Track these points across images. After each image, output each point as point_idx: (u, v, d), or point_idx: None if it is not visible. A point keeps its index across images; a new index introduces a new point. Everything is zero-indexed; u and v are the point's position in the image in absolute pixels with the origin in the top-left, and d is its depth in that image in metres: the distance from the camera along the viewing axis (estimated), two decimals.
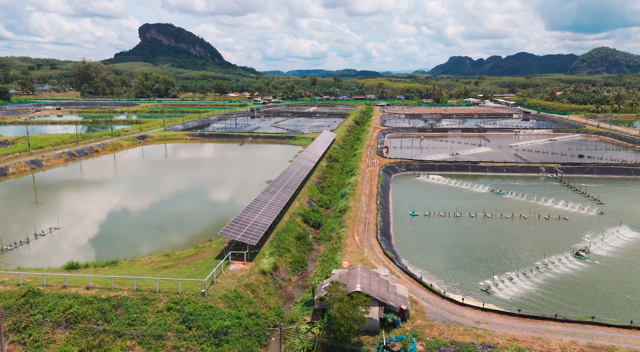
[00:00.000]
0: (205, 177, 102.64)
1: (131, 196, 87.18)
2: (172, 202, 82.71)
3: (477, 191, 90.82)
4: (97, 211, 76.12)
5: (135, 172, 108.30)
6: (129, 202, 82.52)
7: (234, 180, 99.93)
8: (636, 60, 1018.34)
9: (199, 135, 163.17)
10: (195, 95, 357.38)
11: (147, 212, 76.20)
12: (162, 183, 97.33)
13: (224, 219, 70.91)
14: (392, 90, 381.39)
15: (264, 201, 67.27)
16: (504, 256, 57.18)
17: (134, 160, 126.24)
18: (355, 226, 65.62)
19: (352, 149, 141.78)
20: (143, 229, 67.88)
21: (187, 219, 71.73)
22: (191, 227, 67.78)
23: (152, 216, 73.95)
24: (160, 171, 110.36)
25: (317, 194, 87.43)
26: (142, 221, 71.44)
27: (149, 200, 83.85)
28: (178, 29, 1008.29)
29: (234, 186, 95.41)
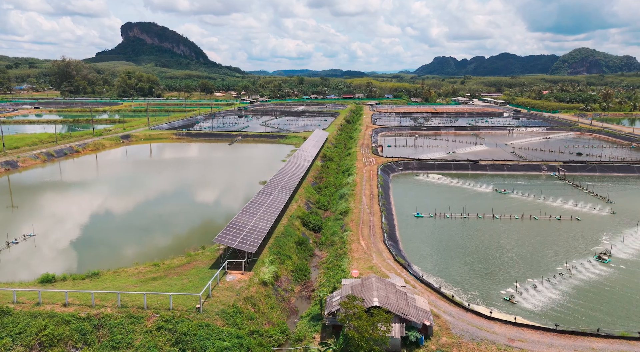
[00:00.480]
0: (194, 178, 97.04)
1: (115, 198, 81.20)
2: (159, 205, 77.06)
3: (480, 190, 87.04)
4: (77, 216, 70.09)
5: (119, 173, 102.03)
6: (113, 206, 76.59)
7: (224, 181, 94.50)
8: (615, 61, 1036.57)
9: (185, 134, 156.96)
10: (180, 94, 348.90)
11: (133, 217, 70.42)
12: (148, 185, 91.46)
13: (216, 223, 65.81)
14: (380, 90, 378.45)
15: (260, 203, 62.22)
16: (522, 260, 53.15)
17: (117, 161, 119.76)
18: (359, 229, 61.01)
19: (345, 147, 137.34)
20: (128, 235, 62.18)
21: (177, 224, 66.26)
22: (181, 233, 62.40)
23: (138, 221, 68.22)
24: (146, 172, 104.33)
25: (314, 195, 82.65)
26: (127, 227, 65.67)
27: (134, 203, 78.04)
28: (161, 28, 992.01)
29: (225, 187, 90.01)
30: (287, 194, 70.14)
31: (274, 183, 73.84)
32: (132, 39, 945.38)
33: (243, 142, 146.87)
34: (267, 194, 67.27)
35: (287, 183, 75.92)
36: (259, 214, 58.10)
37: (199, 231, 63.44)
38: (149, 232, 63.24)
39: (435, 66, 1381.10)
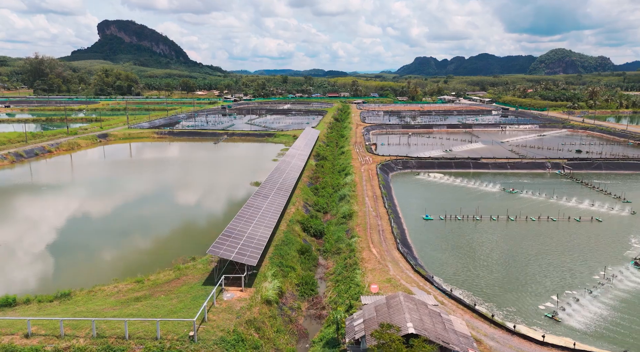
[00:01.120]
0: (179, 180, 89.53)
1: (91, 203, 73.28)
2: (141, 210, 69.50)
3: (487, 190, 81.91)
4: (47, 224, 62.13)
5: (96, 175, 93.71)
6: (89, 212, 68.75)
7: (213, 182, 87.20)
8: (590, 61, 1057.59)
9: (167, 133, 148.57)
10: (161, 93, 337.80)
11: (112, 224, 62.73)
12: (128, 187, 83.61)
13: (207, 230, 58.87)
14: (365, 88, 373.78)
15: (256, 207, 55.50)
16: (553, 268, 47.76)
17: (94, 161, 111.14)
18: (367, 234, 54.83)
19: (337, 146, 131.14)
20: (106, 246, 54.66)
21: (162, 232, 59.02)
22: (168, 242, 55.26)
23: (117, 229, 60.64)
24: (126, 173, 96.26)
25: (312, 197, 76.20)
26: (105, 236, 58.05)
27: (113, 208, 70.33)
28: (140, 26, 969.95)
29: (214, 189, 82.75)
30: (284, 196, 63.56)
31: (269, 184, 67.14)
32: (109, 38, 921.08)
33: (229, 141, 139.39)
34: (263, 196, 60.56)
35: (283, 184, 69.31)
36: (257, 220, 51.41)
37: (188, 239, 56.40)
38: (130, 241, 55.83)
39: (416, 66, 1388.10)
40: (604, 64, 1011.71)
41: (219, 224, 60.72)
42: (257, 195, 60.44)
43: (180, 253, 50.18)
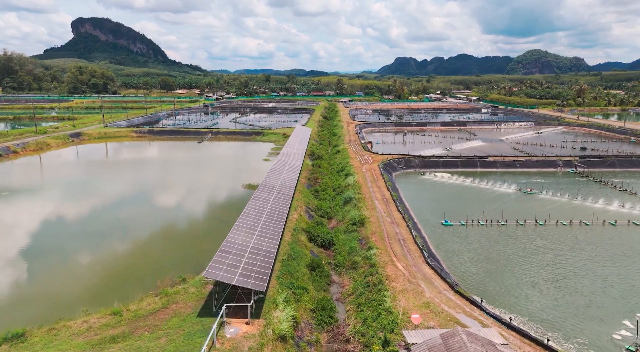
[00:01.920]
0: (162, 183, 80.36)
1: (58, 208, 63.66)
2: (119, 218, 60.23)
3: (501, 190, 75.24)
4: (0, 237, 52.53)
5: (67, 178, 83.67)
6: (54, 219, 59.24)
7: (201, 185, 78.22)
8: (565, 62, 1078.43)
9: (147, 132, 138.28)
10: (139, 91, 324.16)
11: (82, 235, 53.45)
12: (103, 191, 73.98)
13: (197, 240, 50.31)
14: (350, 87, 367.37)
15: (257, 214, 47.20)
16: (610, 284, 40.85)
17: (66, 163, 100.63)
18: (387, 244, 47.10)
19: (331, 145, 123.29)
20: (74, 262, 45.55)
21: (144, 245, 50.14)
22: (151, 257, 46.49)
23: (89, 240, 51.44)
24: (101, 175, 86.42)
25: (313, 200, 68.13)
26: (72, 249, 48.80)
27: (84, 215, 60.94)
28: (116, 24, 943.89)
29: (202, 193, 73.82)
30: (286, 200, 55.35)
31: (267, 187, 58.81)
32: (84, 36, 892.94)
33: (214, 140, 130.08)
34: (263, 201, 52.24)
35: (283, 187, 61.07)
36: (259, 229, 43.13)
37: (176, 252, 47.73)
38: (104, 256, 46.77)
39: (396, 67, 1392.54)
40: (578, 65, 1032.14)
41: (211, 234, 52.28)
42: (255, 200, 52.10)
43: (166, 271, 41.62)
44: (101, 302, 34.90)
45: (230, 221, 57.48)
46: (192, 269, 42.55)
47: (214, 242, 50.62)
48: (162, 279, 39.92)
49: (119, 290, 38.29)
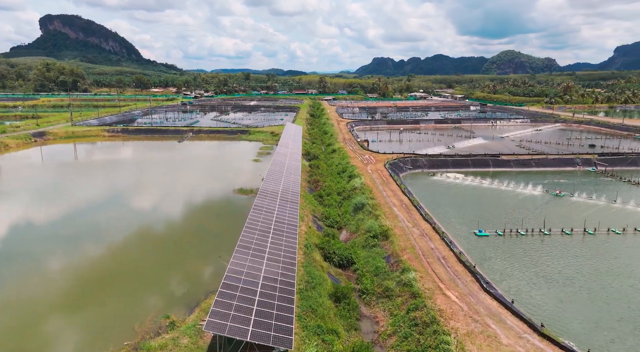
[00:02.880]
0: (139, 188, 69.39)
1: (13, 224, 52.15)
2: (85, 230, 49.19)
3: (527, 193, 67.22)
4: None
5: (26, 183, 71.65)
6: (6, 239, 47.83)
7: (185, 191, 67.51)
8: (537, 63, 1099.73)
9: (121, 131, 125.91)
10: (112, 90, 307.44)
11: (35, 254, 42.37)
12: (70, 200, 62.47)
13: (184, 263, 40.09)
14: (333, 85, 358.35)
15: (262, 229, 37.38)
16: None
17: (25, 165, 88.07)
18: (425, 265, 37.93)
19: (324, 144, 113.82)
20: (22, 299, 34.73)
21: (116, 267, 39.58)
22: (126, 285, 36.06)
23: (48, 264, 40.52)
24: (68, 180, 74.72)
25: (318, 207, 58.52)
26: (21, 279, 37.87)
27: (42, 228, 49.76)
28: (87, 22, 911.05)
29: (187, 200, 63.17)
30: (293, 210, 45.67)
31: (269, 193, 48.94)
32: (52, 33, 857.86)
33: (195, 139, 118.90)
34: (267, 211, 42.38)
35: (286, 192, 51.32)
36: (269, 250, 33.38)
37: (157, 278, 37.49)
38: (67, 286, 36.10)
39: (374, 67, 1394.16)
40: (550, 65, 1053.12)
41: (200, 251, 42.15)
42: (257, 210, 42.15)
43: (146, 306, 31.44)
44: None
45: (222, 233, 47.53)
46: (181, 302, 32.55)
47: (205, 262, 40.67)
48: (143, 321, 29.81)
49: (77, 340, 27.92)
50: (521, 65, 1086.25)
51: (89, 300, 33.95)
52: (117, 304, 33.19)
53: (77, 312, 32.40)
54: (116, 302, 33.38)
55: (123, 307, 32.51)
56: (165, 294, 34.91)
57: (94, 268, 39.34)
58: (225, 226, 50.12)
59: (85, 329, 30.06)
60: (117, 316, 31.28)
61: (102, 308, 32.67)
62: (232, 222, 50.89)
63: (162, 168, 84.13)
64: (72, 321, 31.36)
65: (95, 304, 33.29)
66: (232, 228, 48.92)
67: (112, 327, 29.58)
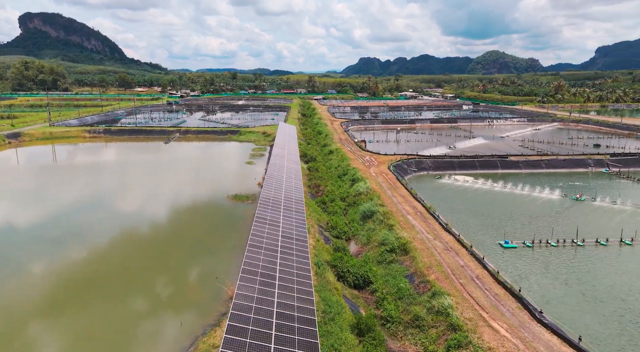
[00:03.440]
0: (122, 194, 62.92)
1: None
2: (64, 245, 42.83)
3: (544, 197, 62.61)
4: None
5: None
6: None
7: (174, 197, 61.27)
8: (521, 63, 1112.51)
9: (103, 132, 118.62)
10: (94, 89, 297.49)
11: (13, 278, 36.00)
12: (49, 207, 55.76)
13: (177, 289, 34.15)
14: (322, 85, 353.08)
15: (268, 248, 31.66)
16: None
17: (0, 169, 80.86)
18: (458, 287, 32.67)
19: (318, 144, 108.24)
20: (5, 302, 28.62)
21: (96, 292, 33.44)
22: (106, 316, 29.97)
23: (16, 292, 34.22)
24: (45, 186, 67.84)
25: (323, 215, 52.98)
26: (3, 283, 31.74)
27: (18, 244, 43.21)
28: (69, 20, 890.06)
29: (178, 208, 56.94)
30: (300, 222, 40.01)
31: (270, 202, 43.20)
32: (33, 32, 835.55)
33: (183, 140, 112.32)
34: (271, 224, 36.65)
35: (290, 200, 45.65)
36: (279, 275, 27.72)
37: (146, 308, 31.49)
38: (41, 294, 29.92)
39: (360, 67, 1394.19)
40: (533, 66, 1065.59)
41: (195, 275, 36.26)
42: (259, 223, 36.38)
43: (132, 342, 25.54)
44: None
45: (220, 249, 41.67)
46: (174, 340, 26.71)
47: (201, 285, 34.81)
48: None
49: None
50: (505, 65, 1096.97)
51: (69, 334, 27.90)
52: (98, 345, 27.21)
53: (60, 318, 26.41)
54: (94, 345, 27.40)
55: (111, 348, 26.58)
56: (157, 330, 29.06)
57: (75, 297, 33.21)
58: (221, 239, 44.27)
59: (67, 335, 24.17)
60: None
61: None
62: (229, 235, 45.10)
63: (148, 171, 77.67)
64: (54, 326, 25.42)
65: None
66: (231, 242, 43.15)
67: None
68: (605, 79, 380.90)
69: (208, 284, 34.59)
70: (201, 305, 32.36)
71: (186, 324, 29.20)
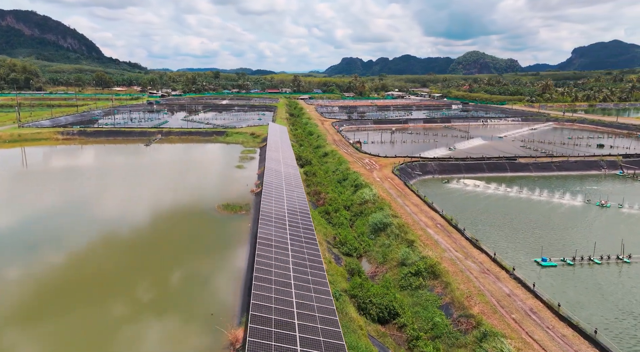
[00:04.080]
0: (97, 204, 55.26)
1: None
2: (33, 268, 35.41)
3: (566, 203, 57.55)
4: None
5: None
6: None
7: (156, 207, 53.98)
8: (501, 63, 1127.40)
9: (77, 133, 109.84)
10: (70, 88, 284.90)
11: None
12: (18, 214, 47.84)
13: (163, 335, 27.18)
14: (308, 84, 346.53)
15: (280, 280, 25.20)
16: None
17: None
18: (511, 324, 26.71)
19: (310, 145, 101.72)
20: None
21: (70, 325, 26.46)
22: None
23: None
24: (15, 192, 59.55)
25: (328, 228, 46.61)
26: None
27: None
28: (43, 18, 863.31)
29: (160, 222, 49.64)
30: (311, 241, 33.61)
31: (273, 216, 36.64)
32: (5, 29, 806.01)
33: (165, 142, 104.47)
34: (277, 247, 30.13)
35: (294, 213, 39.17)
36: (298, 322, 21.17)
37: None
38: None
39: (343, 67, 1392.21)
40: (512, 66, 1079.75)
41: (185, 313, 29.34)
42: (265, 246, 29.80)
43: None
44: None
45: (212, 277, 34.65)
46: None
47: (192, 324, 27.93)
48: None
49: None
50: (486, 65, 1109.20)
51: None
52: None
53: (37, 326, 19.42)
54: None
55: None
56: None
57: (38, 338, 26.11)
58: (214, 263, 37.44)
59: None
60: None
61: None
62: (224, 258, 38.34)
63: (127, 176, 70.03)
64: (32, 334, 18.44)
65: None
66: (226, 267, 36.42)
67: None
68: (588, 79, 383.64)
69: (202, 323, 27.86)
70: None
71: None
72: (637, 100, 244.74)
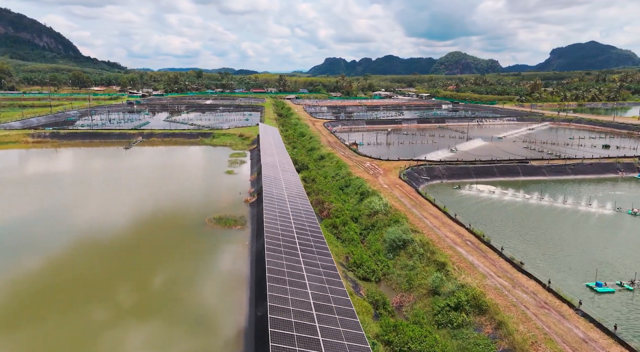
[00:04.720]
0: (66, 220, 47.78)
1: None
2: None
3: (594, 211, 52.29)
4: None
5: None
6: None
7: (137, 221, 46.79)
8: (482, 64, 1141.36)
9: (49, 135, 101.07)
10: (45, 88, 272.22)
11: None
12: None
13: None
14: (294, 84, 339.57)
15: (303, 336, 18.50)
16: None
17: None
18: None
19: (304, 147, 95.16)
20: None
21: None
22: None
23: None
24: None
25: (338, 246, 40.23)
26: None
27: None
28: (17, 16, 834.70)
29: (141, 239, 42.54)
30: (330, 270, 27.14)
31: (280, 235, 30.05)
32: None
33: (146, 144, 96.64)
34: (293, 282, 23.56)
35: (302, 231, 32.74)
36: None
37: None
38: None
39: (327, 67, 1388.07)
40: (493, 66, 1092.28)
41: None
42: (276, 279, 23.25)
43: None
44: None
45: (206, 317, 27.83)
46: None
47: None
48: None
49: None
50: (467, 66, 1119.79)
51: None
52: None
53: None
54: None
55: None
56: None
57: None
58: (208, 297, 30.66)
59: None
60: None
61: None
62: (220, 290, 31.61)
63: (104, 183, 62.48)
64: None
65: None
66: (223, 302, 29.69)
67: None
68: (572, 79, 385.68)
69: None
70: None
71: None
72: (625, 100, 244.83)
